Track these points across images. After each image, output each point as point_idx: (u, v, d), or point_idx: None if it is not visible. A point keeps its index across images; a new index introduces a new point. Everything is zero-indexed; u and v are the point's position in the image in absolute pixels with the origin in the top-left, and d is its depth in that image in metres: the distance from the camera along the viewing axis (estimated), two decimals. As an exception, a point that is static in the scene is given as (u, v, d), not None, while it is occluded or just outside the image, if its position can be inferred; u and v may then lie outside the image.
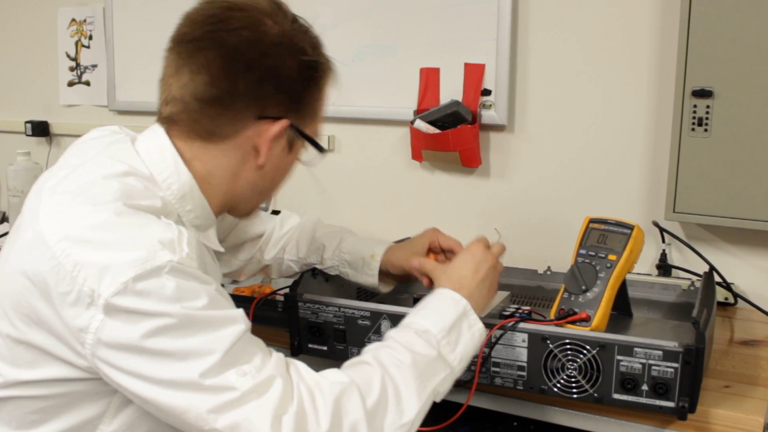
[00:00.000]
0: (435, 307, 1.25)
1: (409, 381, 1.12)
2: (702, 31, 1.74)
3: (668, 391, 1.26)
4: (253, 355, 1.04)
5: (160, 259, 1.00)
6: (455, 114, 2.13)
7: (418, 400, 1.11)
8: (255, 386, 1.01)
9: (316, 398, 1.05)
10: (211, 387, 1.00)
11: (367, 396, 1.07)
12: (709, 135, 1.77)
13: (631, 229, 1.45)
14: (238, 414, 1.00)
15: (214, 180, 1.20)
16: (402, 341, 1.17)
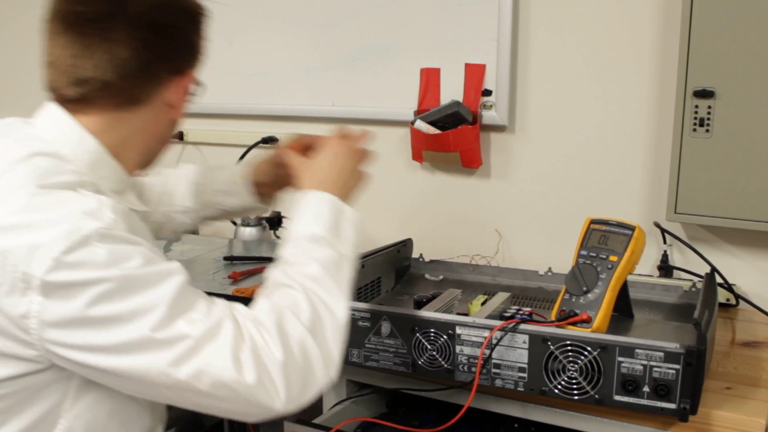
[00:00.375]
0: (312, 211, 1.26)
1: (329, 287, 1.17)
2: (703, 30, 1.74)
3: (669, 392, 1.26)
4: (197, 302, 1.06)
5: (87, 228, 1.01)
6: (456, 114, 2.13)
7: (343, 299, 1.18)
8: (207, 330, 1.03)
9: (262, 331, 1.07)
10: (165, 340, 1.01)
11: (300, 315, 1.11)
12: (710, 135, 1.77)
13: (633, 230, 1.45)
14: (198, 360, 1.02)
15: (130, 143, 1.22)
16: (302, 254, 1.21)
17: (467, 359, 1.40)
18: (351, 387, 1.67)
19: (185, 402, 1.06)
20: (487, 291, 1.82)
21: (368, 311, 1.47)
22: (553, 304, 1.47)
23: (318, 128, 2.48)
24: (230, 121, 2.68)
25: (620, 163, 2.03)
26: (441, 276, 1.96)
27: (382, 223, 2.42)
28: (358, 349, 1.49)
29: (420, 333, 1.42)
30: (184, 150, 2.81)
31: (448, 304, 1.64)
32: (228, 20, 2.59)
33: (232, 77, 2.62)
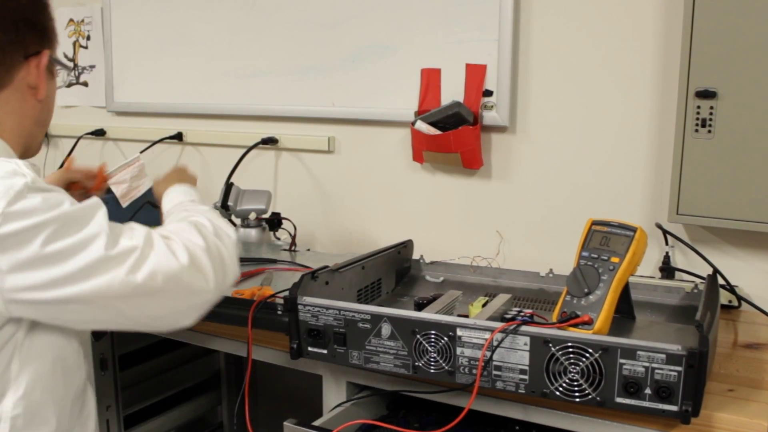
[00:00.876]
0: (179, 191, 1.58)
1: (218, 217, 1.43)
2: (706, 31, 1.74)
3: (671, 394, 1.26)
4: (123, 225, 1.25)
5: (18, 184, 1.14)
6: (456, 115, 2.13)
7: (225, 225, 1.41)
8: (145, 240, 1.22)
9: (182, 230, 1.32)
10: (118, 255, 1.17)
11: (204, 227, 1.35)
12: (712, 136, 1.78)
13: (634, 232, 1.45)
14: (149, 263, 1.20)
15: (7, 127, 1.31)
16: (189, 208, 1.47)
17: (468, 361, 1.40)
18: (351, 389, 1.67)
19: (140, 311, 1.23)
20: (488, 292, 1.82)
21: (368, 313, 1.47)
22: (554, 305, 1.47)
23: (318, 129, 2.49)
24: (229, 121, 2.69)
25: (622, 164, 2.04)
26: (441, 277, 1.96)
27: (382, 224, 2.42)
28: (358, 350, 1.49)
29: (420, 335, 1.42)
30: (184, 151, 2.82)
31: (448, 305, 1.64)
32: (227, 20, 2.59)
33: (231, 77, 2.62)
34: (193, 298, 1.27)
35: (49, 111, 1.41)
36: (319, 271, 1.63)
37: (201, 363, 2.65)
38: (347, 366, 1.53)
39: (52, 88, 1.39)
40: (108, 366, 2.19)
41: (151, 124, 2.86)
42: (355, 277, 1.77)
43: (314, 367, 1.68)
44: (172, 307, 1.26)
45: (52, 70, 1.37)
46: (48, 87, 1.36)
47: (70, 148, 2.91)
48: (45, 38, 1.34)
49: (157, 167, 2.83)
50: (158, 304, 1.24)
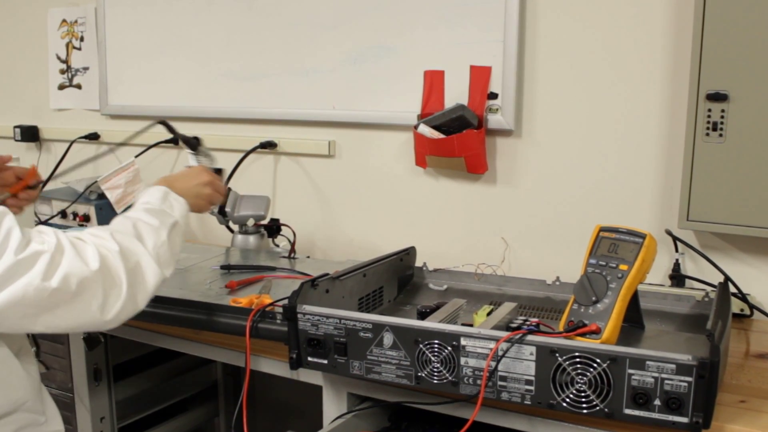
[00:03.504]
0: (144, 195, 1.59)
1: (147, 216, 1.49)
2: (717, 32, 1.75)
3: (681, 406, 1.26)
4: (31, 230, 1.28)
5: None
6: (460, 118, 2.14)
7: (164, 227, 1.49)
8: (55, 245, 1.26)
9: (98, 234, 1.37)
10: (29, 259, 1.22)
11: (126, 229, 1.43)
12: (724, 140, 1.78)
13: (643, 238, 1.46)
14: (62, 267, 1.25)
15: None
16: (133, 210, 1.52)
17: (472, 371, 1.40)
18: (352, 400, 1.68)
19: (58, 316, 1.26)
20: (492, 301, 1.82)
21: (370, 322, 1.48)
22: (561, 314, 1.48)
23: (318, 132, 2.50)
24: (227, 125, 2.69)
25: (630, 169, 2.04)
26: (445, 285, 1.97)
27: (384, 230, 2.43)
28: (359, 361, 1.50)
29: (423, 344, 1.43)
30: (180, 155, 2.82)
31: (452, 314, 1.64)
32: (224, 21, 2.60)
33: (230, 80, 2.63)
34: (108, 299, 1.31)
35: None
36: (319, 279, 1.64)
37: (198, 373, 2.65)
38: (348, 376, 1.53)
39: None
40: (102, 376, 2.19)
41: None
42: (356, 285, 1.77)
43: (314, 377, 1.68)
44: (89, 313, 1.30)
45: None
46: None
47: (63, 153, 2.92)
48: None
49: (153, 172, 2.84)
50: (76, 309, 1.28)
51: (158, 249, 1.45)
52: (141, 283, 1.38)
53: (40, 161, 3.10)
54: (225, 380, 2.75)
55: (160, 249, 1.45)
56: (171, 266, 1.49)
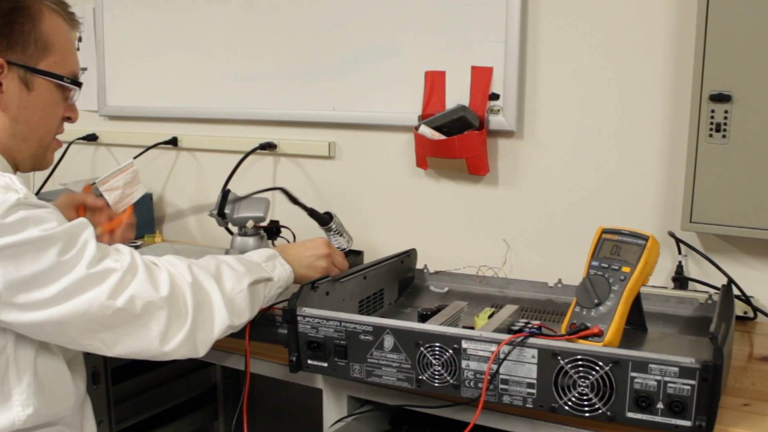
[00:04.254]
0: (251, 252, 1.62)
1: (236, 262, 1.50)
2: (720, 32, 1.75)
3: (685, 409, 1.26)
4: (109, 247, 1.32)
5: (11, 199, 1.21)
6: (462, 119, 2.14)
7: (249, 276, 1.48)
8: (129, 264, 1.29)
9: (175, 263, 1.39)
10: (99, 275, 1.24)
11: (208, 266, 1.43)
12: (727, 141, 1.78)
13: (646, 240, 1.46)
14: (130, 289, 1.27)
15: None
16: (221, 256, 1.51)
17: (473, 375, 1.40)
18: (352, 404, 1.68)
19: (118, 336, 1.28)
20: (494, 303, 1.83)
21: (370, 325, 1.48)
22: (563, 317, 1.48)
23: (318, 134, 2.50)
24: (226, 126, 2.69)
25: (633, 171, 2.04)
26: (446, 288, 1.97)
27: (384, 232, 2.43)
28: (359, 364, 1.50)
29: (424, 347, 1.43)
30: (179, 156, 2.82)
31: (453, 317, 1.64)
32: (223, 21, 2.60)
33: (228, 80, 2.63)
34: (168, 327, 1.32)
35: (29, 124, 1.42)
36: (319, 281, 1.64)
37: (196, 376, 2.66)
38: (348, 379, 1.54)
39: (31, 102, 1.41)
40: (100, 379, 2.19)
41: (145, 128, 2.87)
42: (356, 287, 1.77)
43: (314, 380, 1.68)
44: (149, 337, 1.31)
45: (28, 82, 1.39)
46: (17, 99, 1.38)
47: (60, 154, 2.92)
48: (6, 46, 1.36)
49: (151, 173, 2.84)
50: (138, 331, 1.30)
51: (235, 295, 1.44)
52: (205, 323, 1.38)
53: (37, 162, 3.10)
54: (224, 383, 2.75)
55: (237, 296, 1.44)
56: (244, 317, 1.47)
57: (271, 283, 1.56)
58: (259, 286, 1.51)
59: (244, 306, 1.46)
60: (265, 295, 1.54)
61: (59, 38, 1.44)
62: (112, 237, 1.76)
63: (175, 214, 2.88)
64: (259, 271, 1.53)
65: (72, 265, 1.23)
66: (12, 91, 1.37)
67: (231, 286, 1.43)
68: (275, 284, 1.57)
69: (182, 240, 2.81)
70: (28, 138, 1.43)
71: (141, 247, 2.48)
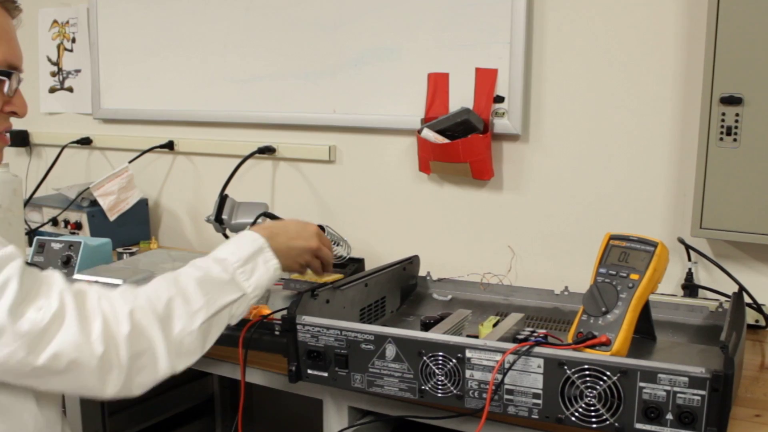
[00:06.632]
0: (235, 242, 1.46)
1: (197, 291, 1.32)
2: (731, 33, 1.75)
3: (695, 420, 1.26)
4: (36, 284, 1.18)
5: None
6: (466, 122, 2.14)
7: (207, 309, 1.32)
8: (55, 314, 1.15)
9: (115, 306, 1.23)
10: (20, 328, 1.12)
11: (157, 303, 1.27)
12: (738, 145, 1.78)
13: (655, 247, 1.46)
14: (54, 343, 1.14)
15: None
16: (198, 264, 1.38)
17: (478, 385, 1.40)
18: (353, 414, 1.68)
19: (46, 385, 1.19)
20: (499, 311, 1.83)
21: (372, 333, 1.48)
22: (569, 325, 1.48)
23: (318, 137, 2.50)
24: (224, 129, 2.70)
25: (642, 175, 2.04)
26: (450, 295, 1.97)
27: (386, 238, 2.43)
28: (361, 373, 1.50)
29: (427, 357, 1.43)
30: (175, 160, 2.83)
31: (457, 325, 1.65)
32: (221, 22, 2.61)
33: (226, 83, 2.64)
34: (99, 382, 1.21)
35: None
36: (320, 289, 1.64)
37: (193, 386, 2.65)
38: (349, 390, 1.54)
39: None
40: (94, 390, 2.19)
41: (141, 132, 2.88)
42: (357, 295, 1.77)
43: (314, 390, 1.68)
44: (79, 387, 1.21)
45: None
46: None
47: (54, 158, 2.93)
48: None
49: (147, 178, 2.85)
50: (66, 384, 1.20)
51: (183, 337, 1.29)
52: (143, 370, 1.25)
53: (30, 167, 3.10)
54: (222, 394, 2.75)
55: (186, 338, 1.29)
56: (193, 357, 1.33)
57: (242, 298, 1.40)
58: (220, 315, 1.36)
59: (194, 347, 1.32)
60: (232, 315, 1.40)
61: None
62: None
63: (172, 219, 2.88)
64: (224, 293, 1.37)
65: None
66: None
67: (180, 327, 1.29)
68: (248, 298, 1.42)
69: (179, 246, 2.82)
70: None
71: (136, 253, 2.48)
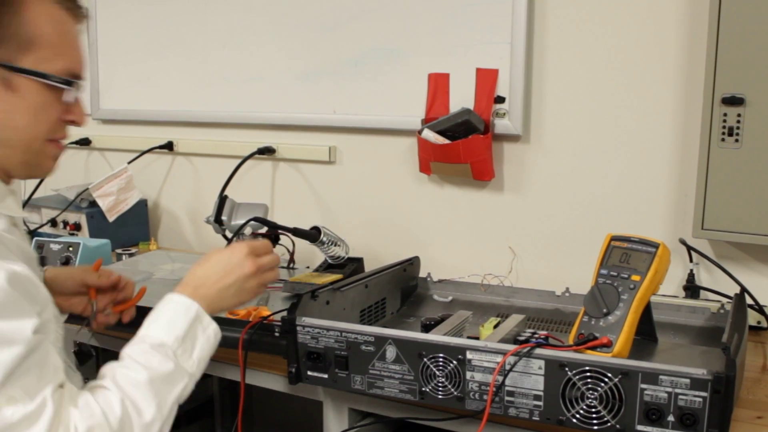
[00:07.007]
0: (168, 316, 1.34)
1: (148, 398, 1.24)
2: (733, 33, 1.75)
3: (696, 422, 1.26)
4: (28, 381, 1.12)
5: None
6: (466, 123, 2.14)
7: (159, 414, 1.25)
8: (24, 416, 1.09)
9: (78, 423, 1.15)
10: None
11: (110, 416, 1.19)
12: (740, 146, 1.78)
13: (656, 248, 1.46)
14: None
15: None
16: (138, 359, 1.28)
17: (478, 386, 1.40)
18: (354, 416, 1.68)
19: None
20: (499, 313, 1.83)
21: (372, 335, 1.48)
22: (570, 327, 1.48)
23: (318, 138, 2.50)
24: (223, 130, 2.70)
25: (643, 176, 2.04)
26: (450, 297, 1.97)
27: (387, 239, 2.43)
28: (361, 375, 1.50)
29: (428, 358, 1.43)
30: (175, 161, 2.83)
31: (457, 327, 1.65)
32: (220, 21, 2.61)
33: (225, 83, 2.64)
34: None
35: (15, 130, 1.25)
36: (320, 290, 1.64)
37: (192, 388, 2.65)
38: (349, 391, 1.54)
39: (12, 104, 1.23)
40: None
41: (140, 132, 2.88)
42: (357, 296, 1.77)
43: (314, 392, 1.68)
44: None
45: (8, 81, 1.22)
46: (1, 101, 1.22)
47: (53, 159, 2.92)
48: None
49: (146, 179, 2.85)
50: None
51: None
52: None
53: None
54: (221, 395, 2.75)
55: None
56: None
57: (189, 382, 1.36)
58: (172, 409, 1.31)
59: None
60: (180, 399, 1.34)
61: (47, 30, 1.24)
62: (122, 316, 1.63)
63: (171, 220, 2.88)
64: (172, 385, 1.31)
65: None
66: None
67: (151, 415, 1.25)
68: (194, 378, 1.37)
69: (178, 248, 2.82)
70: (12, 144, 1.25)
71: (135, 254, 2.48)
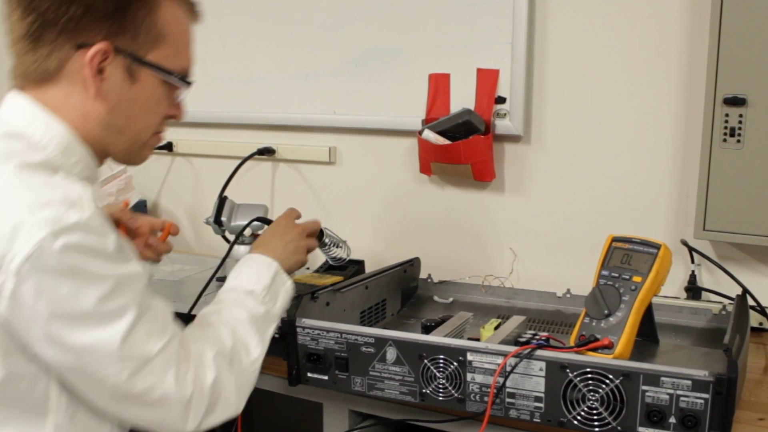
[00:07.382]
0: (253, 269, 1.49)
1: (251, 333, 1.38)
2: (734, 34, 1.75)
3: (698, 423, 1.26)
4: (156, 315, 1.20)
5: (70, 219, 1.09)
6: (467, 124, 2.14)
7: (262, 349, 1.39)
8: (160, 351, 1.17)
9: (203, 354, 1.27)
10: (127, 354, 1.13)
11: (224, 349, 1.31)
12: (742, 146, 1.78)
13: (658, 249, 1.46)
14: (153, 376, 1.16)
15: (72, 126, 1.24)
16: (235, 302, 1.42)
17: (479, 388, 1.40)
18: (354, 418, 1.68)
19: (130, 414, 1.21)
20: (500, 314, 1.83)
21: (372, 336, 1.48)
22: (571, 328, 1.48)
23: (318, 138, 2.50)
24: (223, 130, 2.70)
25: (644, 177, 2.04)
26: (451, 298, 1.97)
27: (387, 240, 2.43)
28: (361, 377, 1.50)
29: (428, 360, 1.43)
30: (174, 162, 2.83)
31: (458, 328, 1.65)
32: (220, 22, 2.60)
33: (225, 83, 2.64)
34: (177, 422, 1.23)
35: (129, 118, 1.29)
36: (320, 291, 1.64)
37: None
38: (349, 393, 1.54)
39: (133, 94, 1.28)
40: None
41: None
42: (358, 297, 1.78)
43: (314, 394, 1.68)
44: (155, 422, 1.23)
45: (134, 72, 1.26)
46: (118, 89, 1.25)
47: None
48: (116, 32, 1.22)
49: (145, 180, 2.85)
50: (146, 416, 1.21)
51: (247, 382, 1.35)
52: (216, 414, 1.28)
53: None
54: (220, 397, 2.75)
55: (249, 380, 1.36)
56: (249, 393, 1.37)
57: (275, 326, 1.46)
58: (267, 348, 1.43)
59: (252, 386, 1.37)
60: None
61: (175, 30, 1.32)
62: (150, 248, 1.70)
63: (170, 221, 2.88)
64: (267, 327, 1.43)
65: (107, 323, 1.12)
66: (114, 80, 1.24)
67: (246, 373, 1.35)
68: (277, 324, 1.47)
69: (177, 248, 2.81)
70: (124, 131, 1.30)
71: (135, 255, 2.48)
